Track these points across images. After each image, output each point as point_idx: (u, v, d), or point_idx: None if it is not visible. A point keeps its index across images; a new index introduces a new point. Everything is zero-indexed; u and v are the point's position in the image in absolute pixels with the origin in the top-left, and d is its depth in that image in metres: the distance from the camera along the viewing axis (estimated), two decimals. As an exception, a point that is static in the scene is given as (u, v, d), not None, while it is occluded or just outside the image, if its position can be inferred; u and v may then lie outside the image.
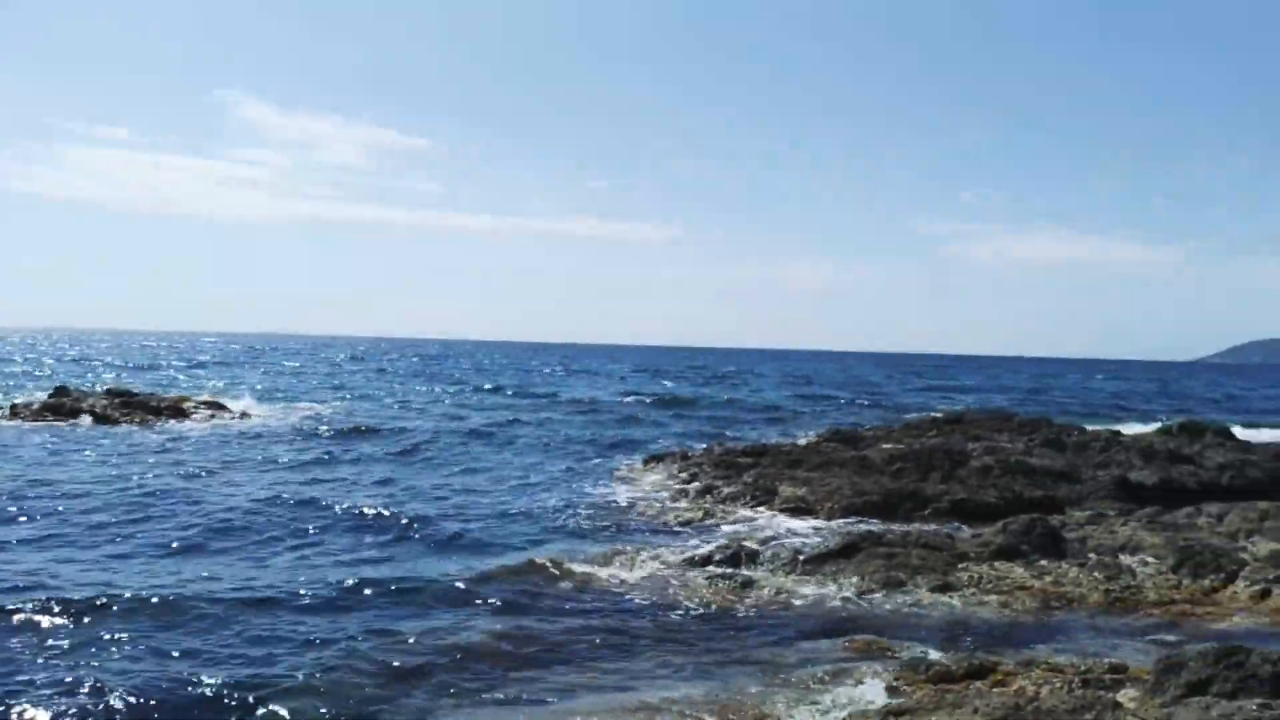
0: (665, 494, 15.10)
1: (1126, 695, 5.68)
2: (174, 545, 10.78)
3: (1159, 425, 21.80)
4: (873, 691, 6.42)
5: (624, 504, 14.25)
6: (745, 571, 9.99)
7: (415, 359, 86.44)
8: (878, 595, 9.18)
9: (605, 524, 12.70)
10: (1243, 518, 11.59)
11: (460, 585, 9.39)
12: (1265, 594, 8.98)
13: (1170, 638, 7.91)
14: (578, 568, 10.10)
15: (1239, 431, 23.27)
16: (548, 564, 10.19)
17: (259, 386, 40.45)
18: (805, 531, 12.40)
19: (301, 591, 8.86)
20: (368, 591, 9.01)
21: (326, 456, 18.85)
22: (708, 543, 11.38)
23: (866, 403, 42.49)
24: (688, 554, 10.67)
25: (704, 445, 20.53)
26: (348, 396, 36.48)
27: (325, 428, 23.75)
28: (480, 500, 14.38)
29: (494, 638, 7.80)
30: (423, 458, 19.16)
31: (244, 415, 26.50)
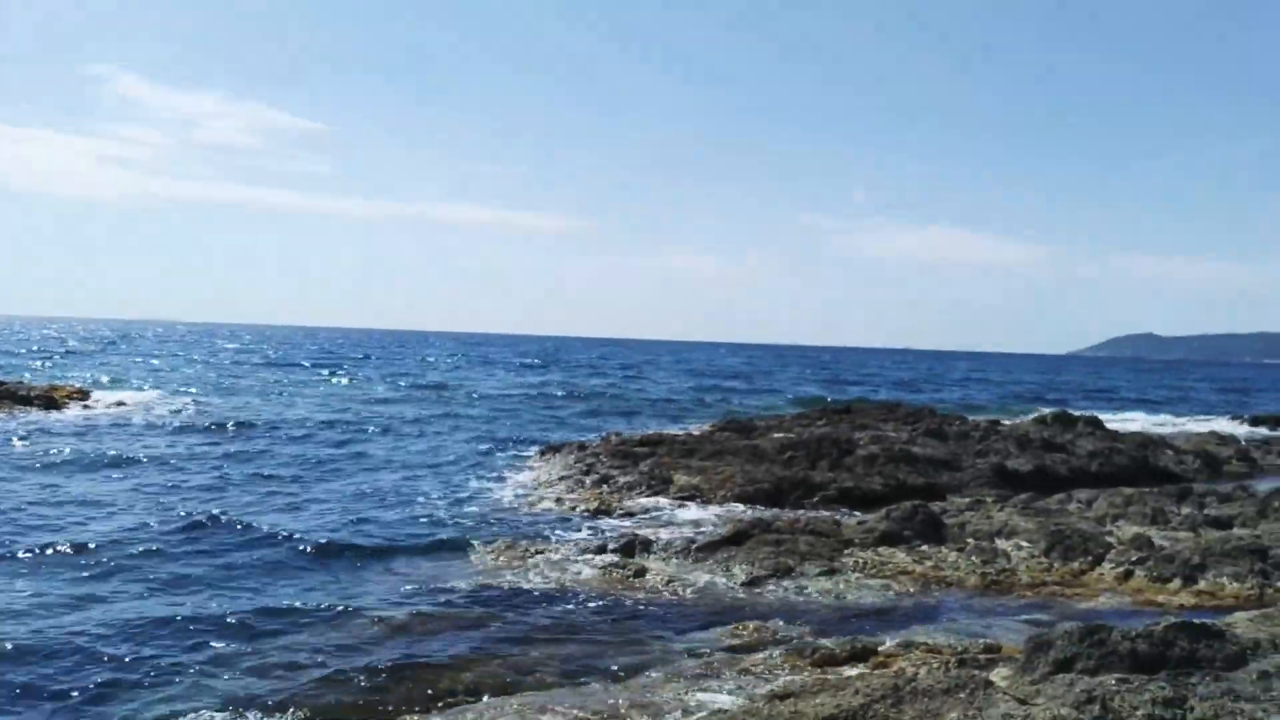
0: (561, 485, 15.03)
1: (999, 674, 5.90)
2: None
3: (1035, 415, 22.80)
4: (759, 676, 6.51)
5: (519, 495, 14.14)
6: (639, 560, 10.03)
7: (305, 348, 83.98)
8: (767, 581, 9.33)
9: (500, 516, 12.57)
10: (1109, 503, 12.22)
11: (348, 583, 9.16)
12: (1128, 575, 9.48)
13: (1042, 617, 8.27)
14: (471, 561, 9.98)
15: (1108, 421, 24.55)
16: (440, 558, 10.04)
17: (127, 375, 38.68)
18: (699, 520, 12.54)
19: (185, 587, 8.50)
20: (251, 593, 8.70)
21: (206, 451, 18.10)
22: (602, 532, 11.40)
23: (760, 393, 43.25)
24: (582, 544, 10.65)
25: (600, 436, 20.52)
26: (228, 388, 35.14)
27: (202, 420, 22.84)
28: (370, 494, 14.03)
29: (385, 633, 7.63)
30: (310, 453, 18.50)
31: (116, 404, 25.33)
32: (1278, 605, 7.27)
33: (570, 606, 8.50)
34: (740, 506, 13.39)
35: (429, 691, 6.44)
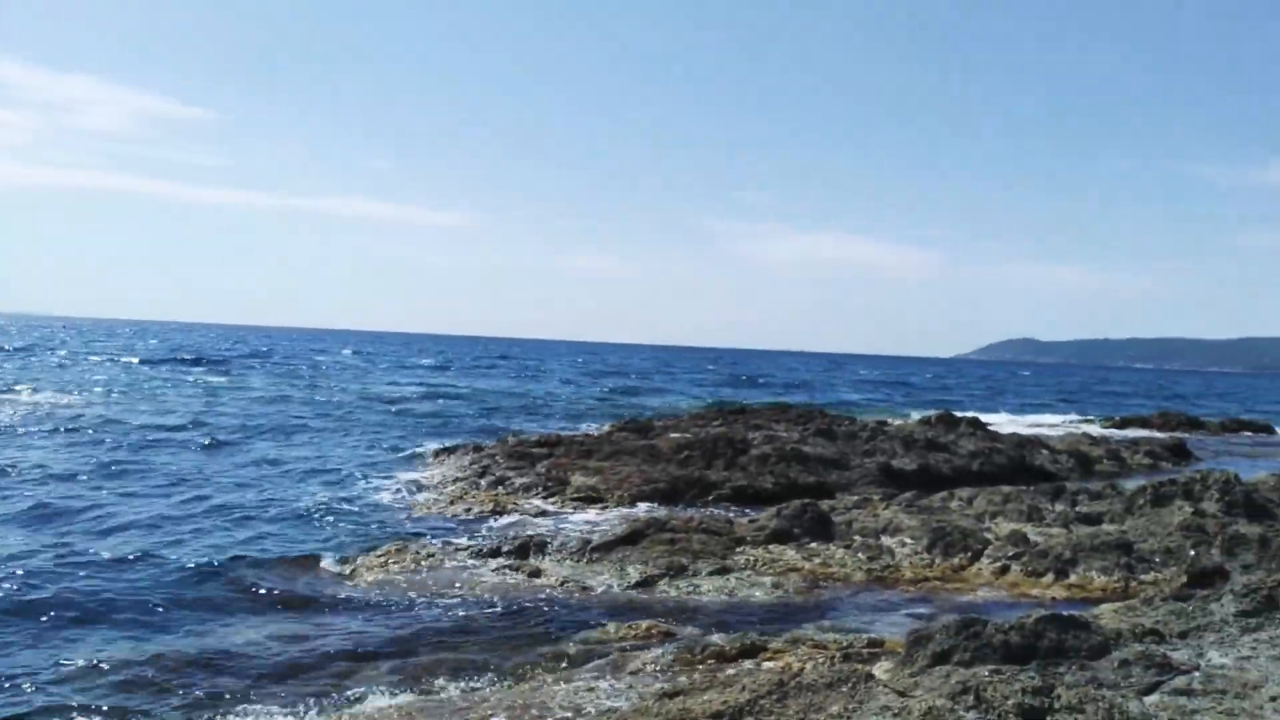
0: (455, 487, 14.84)
1: (881, 667, 6.08)
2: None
3: (920, 416, 23.57)
4: (651, 675, 6.56)
5: (411, 498, 13.91)
6: (533, 562, 9.98)
7: (185, 345, 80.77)
8: (661, 580, 9.40)
9: (390, 519, 12.35)
10: (988, 500, 12.71)
11: (230, 589, 8.86)
12: (1005, 570, 9.88)
13: (923, 611, 8.56)
14: (361, 565, 9.76)
15: (989, 422, 25.55)
16: (328, 563, 9.80)
17: None
18: (595, 520, 12.56)
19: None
20: (126, 599, 8.33)
21: (56, 458, 17.24)
22: (497, 535, 11.29)
23: (659, 393, 43.57)
24: (476, 547, 10.53)
25: (497, 437, 20.33)
26: (105, 387, 33.51)
27: (57, 422, 21.76)
28: (252, 501, 13.55)
29: (270, 642, 7.41)
30: (179, 461, 17.74)
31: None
32: (1140, 596, 7.68)
33: (462, 610, 8.40)
34: (637, 507, 13.46)
35: (311, 699, 6.28)
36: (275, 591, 8.85)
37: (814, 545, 10.60)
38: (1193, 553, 9.10)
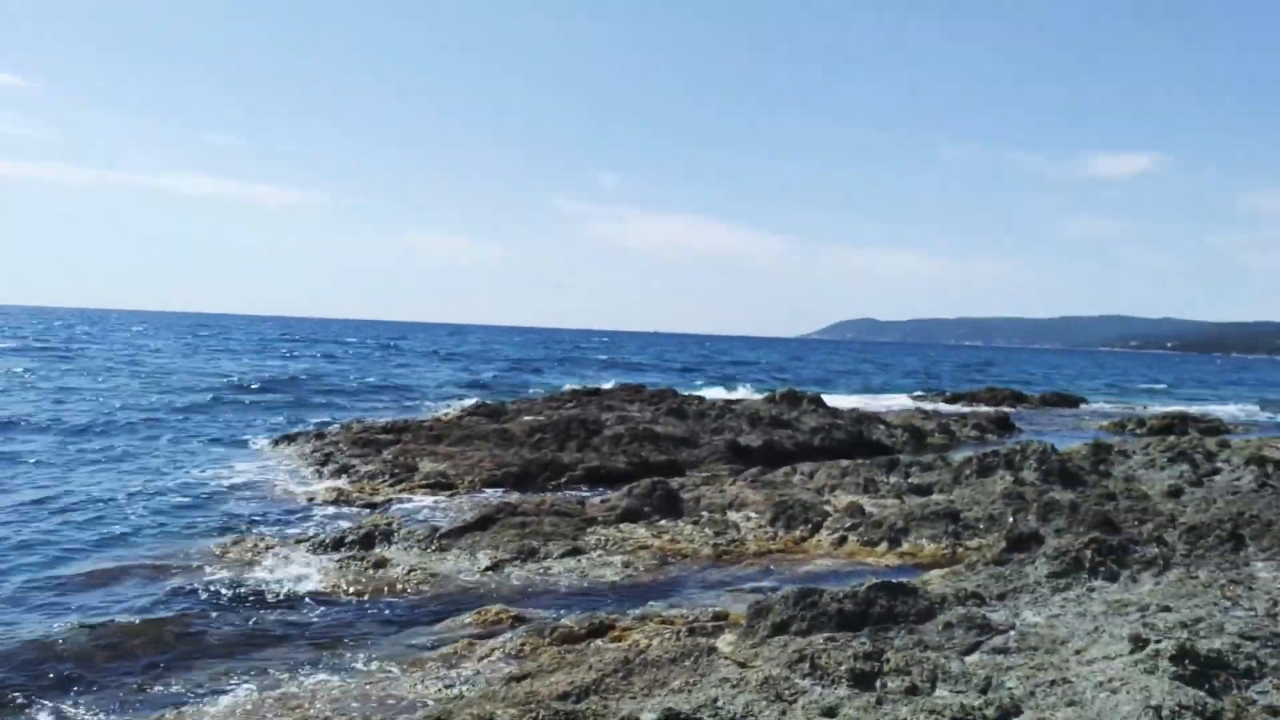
0: (297, 476, 14.33)
1: (725, 640, 6.25)
2: None
3: (766, 394, 24.26)
4: (500, 660, 6.52)
5: (250, 487, 13.32)
6: (379, 551, 9.74)
7: None
8: (512, 564, 9.35)
9: (226, 511, 11.79)
10: (828, 474, 13.22)
11: (52, 588, 8.28)
12: (843, 540, 10.32)
13: (766, 584, 8.83)
14: (192, 560, 9.29)
15: (830, 398, 26.56)
16: (156, 559, 9.28)
17: None
18: (444, 506, 12.36)
19: None
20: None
21: None
22: (340, 524, 10.96)
23: (515, 375, 43.24)
24: (318, 537, 10.18)
25: (341, 423, 19.71)
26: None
27: None
28: (77, 490, 12.70)
29: (98, 640, 6.96)
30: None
31: None
32: (965, 562, 8.16)
33: (305, 603, 8.12)
34: (488, 492, 13.34)
35: (139, 700, 5.96)
36: (100, 589, 8.33)
37: (664, 523, 10.77)
38: (1011, 519, 9.75)
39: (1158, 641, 4.97)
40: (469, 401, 24.98)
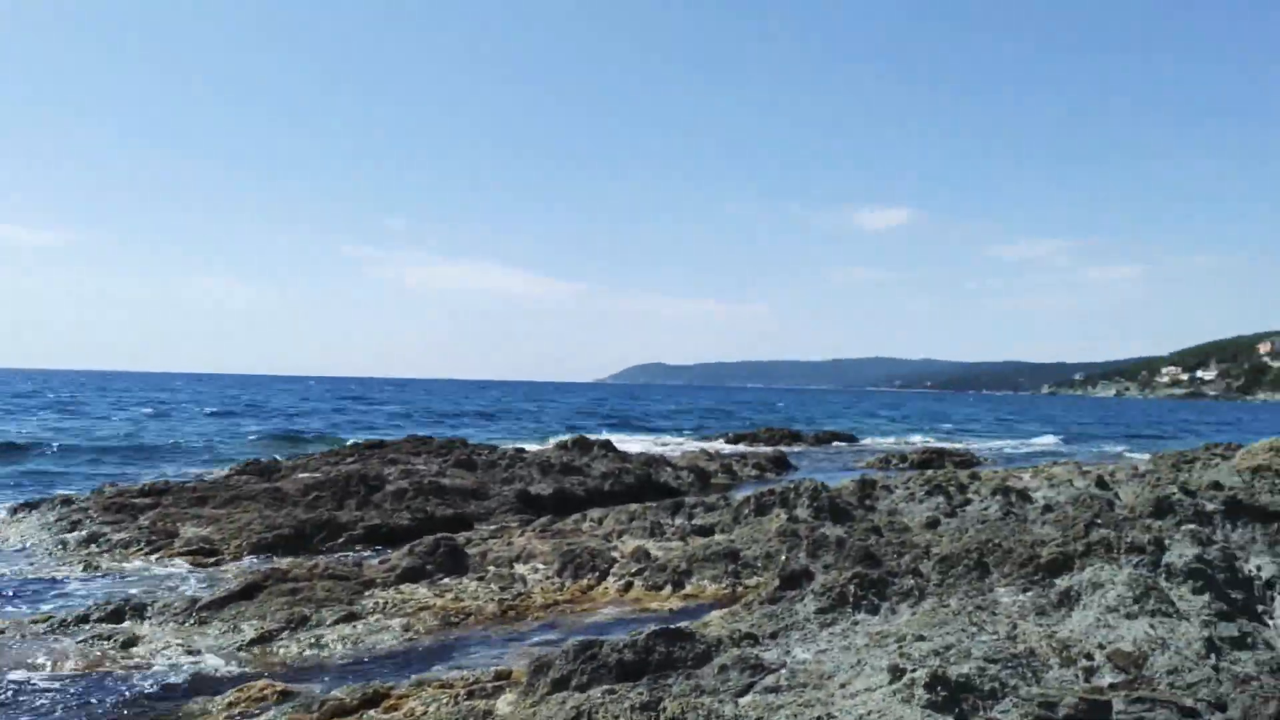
0: (39, 547, 12.89)
1: (505, 700, 6.07)
2: None
3: (557, 441, 24.26)
4: (261, 742, 6.04)
5: (-24, 564, 11.83)
6: (130, 627, 8.86)
7: None
8: (280, 635, 8.75)
9: (-55, 592, 10.40)
10: (616, 520, 13.30)
11: None
12: (629, 586, 10.36)
13: (551, 638, 8.70)
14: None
15: (622, 443, 26.89)
16: None
17: None
18: (207, 575, 11.46)
19: None
20: None
21: None
22: (86, 599, 9.91)
23: (290, 431, 41.05)
24: (60, 614, 9.15)
25: (93, 488, 17.95)
26: None
27: None
28: None
29: None
30: None
31: None
32: (742, 601, 8.36)
33: (41, 689, 7.25)
34: (258, 557, 12.48)
35: None
36: None
37: (447, 581, 10.44)
38: (784, 557, 10.12)
39: (913, 670, 5.24)
40: (238, 460, 23.46)
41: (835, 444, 37.94)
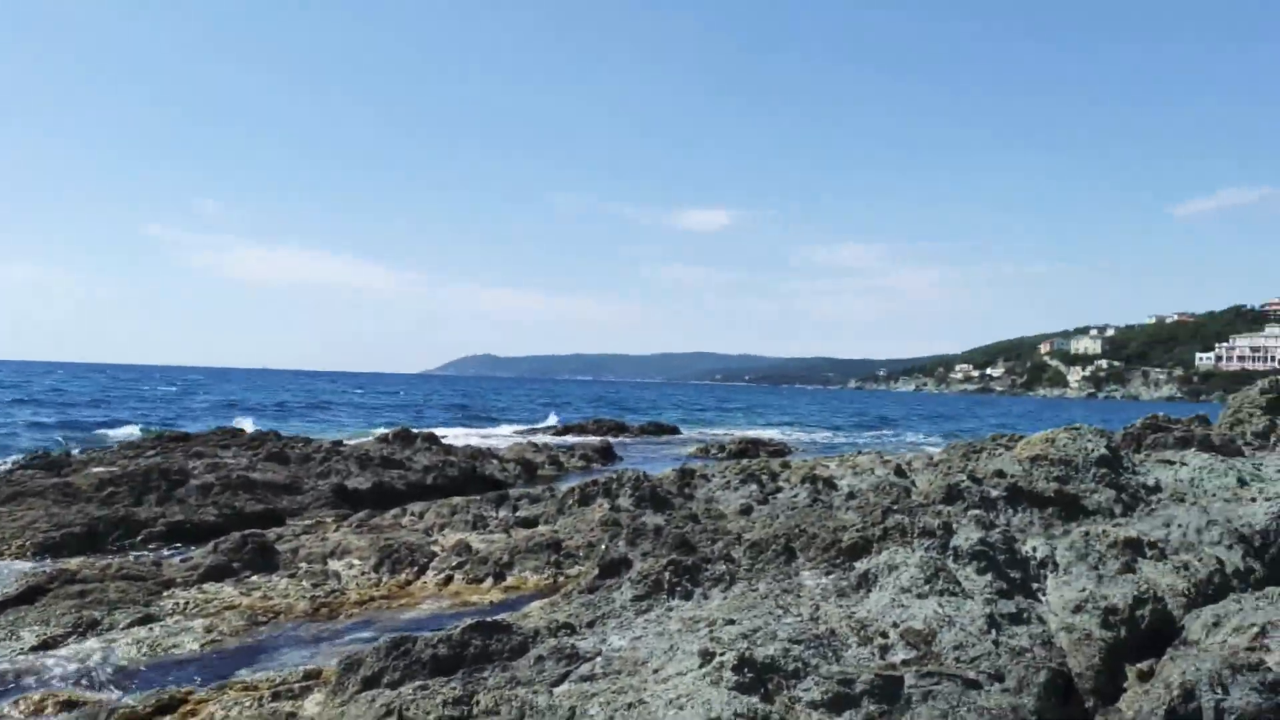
0: None
1: (313, 700, 5.88)
2: None
3: (378, 433, 23.60)
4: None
5: None
6: (-115, 640, 8.01)
7: None
8: (67, 640, 8.13)
9: None
10: (437, 513, 13.08)
11: None
12: (449, 580, 10.22)
13: (366, 635, 8.48)
14: None
15: (447, 436, 26.45)
16: None
17: None
18: (-19, 579, 10.49)
19: None
20: None
21: None
22: None
23: (88, 421, 38.10)
24: None
25: None
26: None
27: None
28: None
29: None
30: None
31: None
32: (562, 591, 8.41)
33: None
34: (44, 559, 11.53)
35: None
36: None
37: (256, 578, 9.99)
38: (604, 546, 10.26)
39: (722, 654, 5.44)
40: (21, 453, 21.54)
41: (660, 435, 38.67)
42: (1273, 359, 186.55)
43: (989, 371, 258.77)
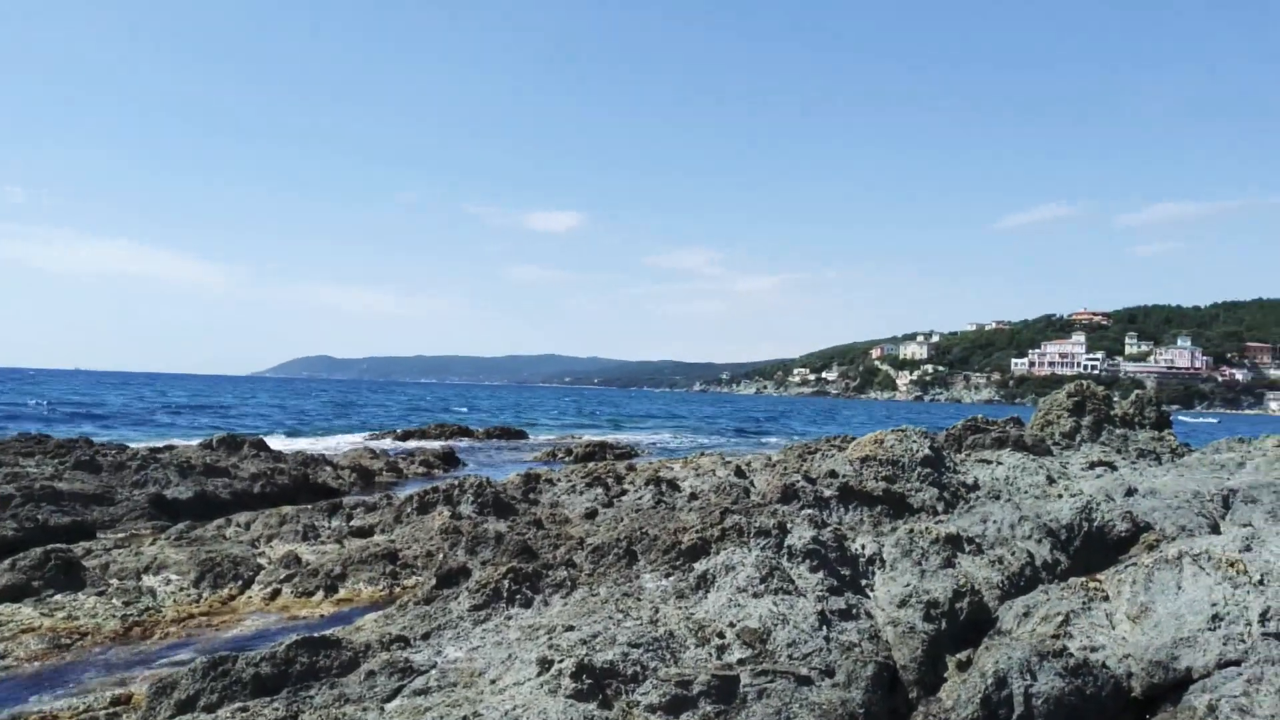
0: None
1: (121, 729, 5.45)
2: None
3: (201, 440, 22.32)
4: None
5: None
6: None
7: None
8: None
9: None
10: (265, 524, 12.45)
11: None
12: (276, 594, 9.72)
13: (184, 655, 7.94)
14: None
15: (276, 442, 25.30)
16: None
17: None
18: None
19: None
20: None
21: None
22: None
23: None
24: None
25: None
26: None
27: None
28: None
29: None
30: None
31: None
32: (397, 603, 8.14)
33: None
34: None
35: None
36: None
37: (59, 598, 9.21)
38: (442, 555, 10.01)
39: (560, 661, 5.36)
40: None
41: (506, 439, 38.25)
42: (1079, 365, 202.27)
43: (825, 375, 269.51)
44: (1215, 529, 11.01)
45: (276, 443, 25.00)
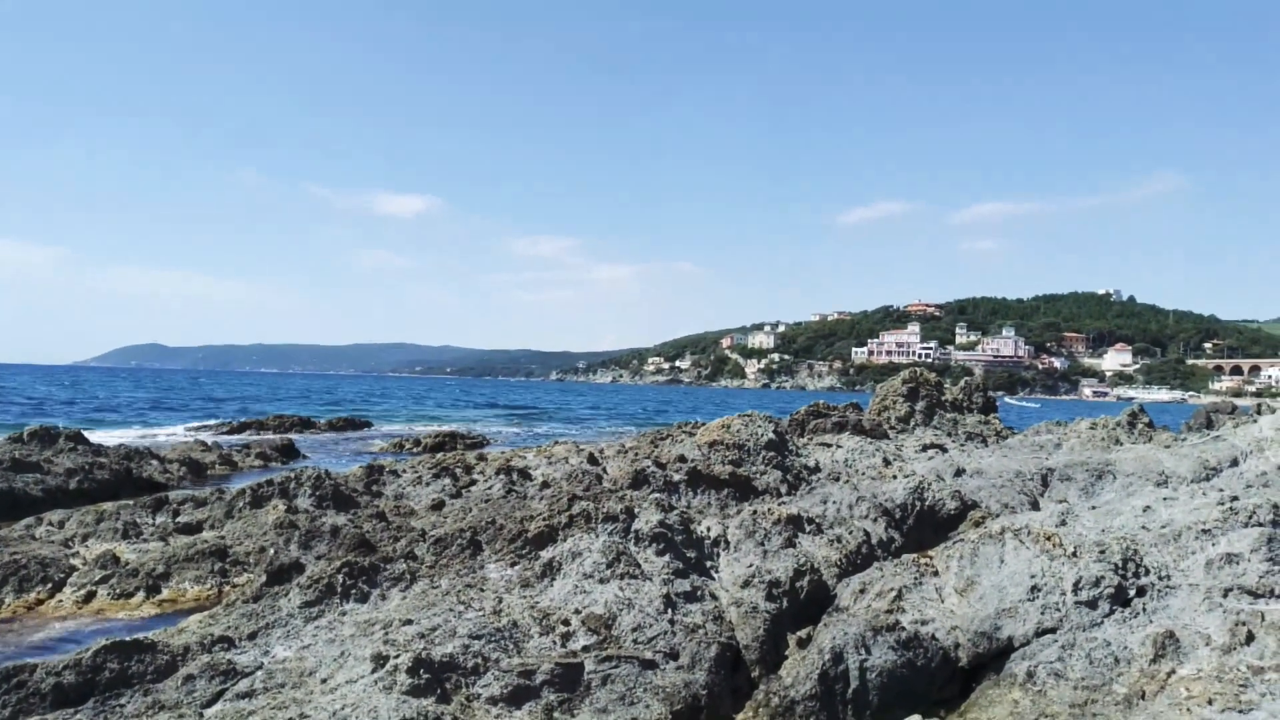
0: None
1: (-105, 753, 4.89)
2: None
3: (11, 433, 20.58)
4: None
5: None
6: None
7: None
8: None
9: None
10: (81, 522, 11.55)
11: None
12: (91, 596, 9.02)
13: (-20, 666, 7.26)
14: None
15: (102, 435, 23.63)
16: None
17: None
18: None
19: None
20: None
21: None
22: None
23: None
24: None
25: None
26: None
27: None
28: None
29: None
30: None
31: None
32: (224, 602, 7.67)
33: None
34: None
35: None
36: None
37: None
38: (272, 550, 9.53)
39: (396, 656, 5.15)
40: None
41: (350, 430, 37.01)
42: (914, 353, 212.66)
43: (678, 364, 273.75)
44: (1035, 505, 11.72)
45: (97, 436, 23.32)
